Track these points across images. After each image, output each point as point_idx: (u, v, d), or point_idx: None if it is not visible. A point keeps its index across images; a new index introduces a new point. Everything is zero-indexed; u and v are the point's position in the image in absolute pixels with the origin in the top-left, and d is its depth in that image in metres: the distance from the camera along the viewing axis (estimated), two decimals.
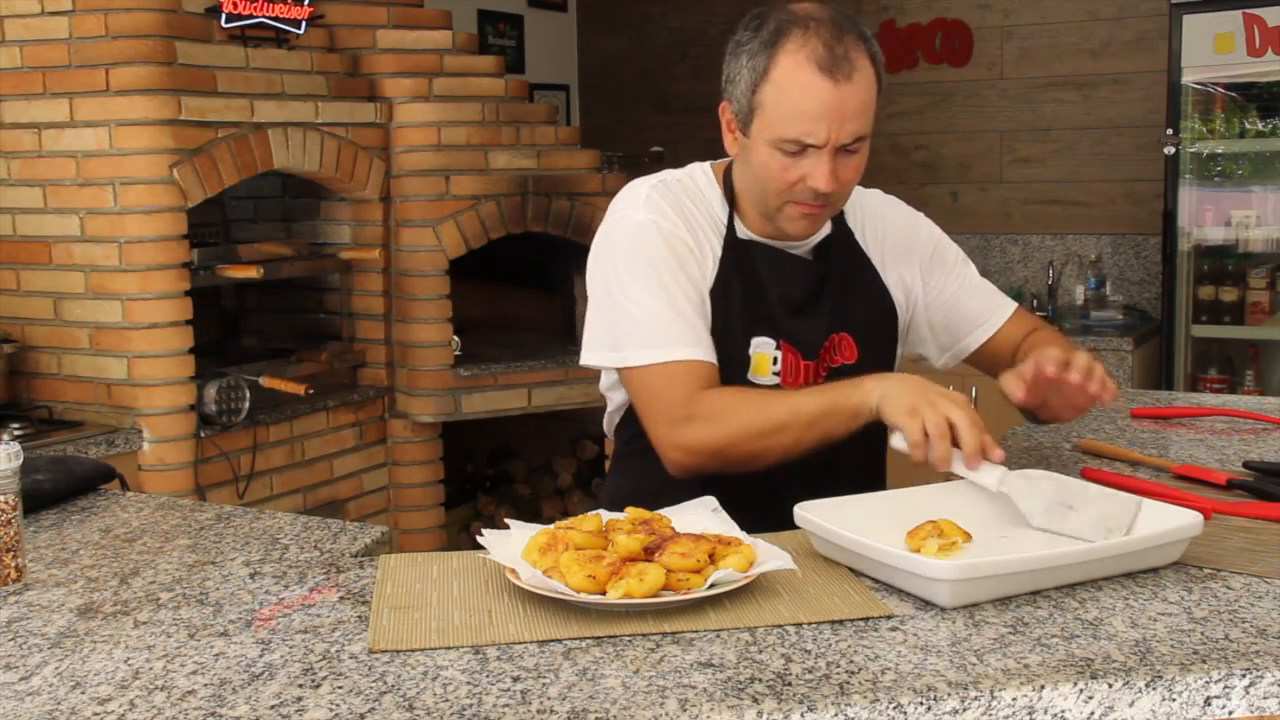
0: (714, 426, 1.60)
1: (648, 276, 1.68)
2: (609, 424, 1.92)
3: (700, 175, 1.81)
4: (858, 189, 1.86)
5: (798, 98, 1.59)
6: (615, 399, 1.86)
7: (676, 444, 1.63)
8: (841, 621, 1.24)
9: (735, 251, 1.75)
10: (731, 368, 1.72)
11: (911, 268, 1.86)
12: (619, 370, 1.73)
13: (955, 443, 1.47)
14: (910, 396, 1.49)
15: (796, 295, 1.76)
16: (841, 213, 1.81)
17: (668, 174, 1.80)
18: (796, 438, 1.58)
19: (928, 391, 1.50)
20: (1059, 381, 1.59)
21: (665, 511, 1.45)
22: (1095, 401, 1.63)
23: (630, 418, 1.81)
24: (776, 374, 1.74)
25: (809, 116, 1.59)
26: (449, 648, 1.19)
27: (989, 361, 1.90)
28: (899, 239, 1.86)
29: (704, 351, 1.66)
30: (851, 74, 1.59)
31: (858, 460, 1.80)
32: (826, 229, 1.80)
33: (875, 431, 1.84)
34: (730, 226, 1.76)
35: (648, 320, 1.66)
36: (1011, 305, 1.92)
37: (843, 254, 1.81)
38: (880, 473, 1.88)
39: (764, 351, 1.74)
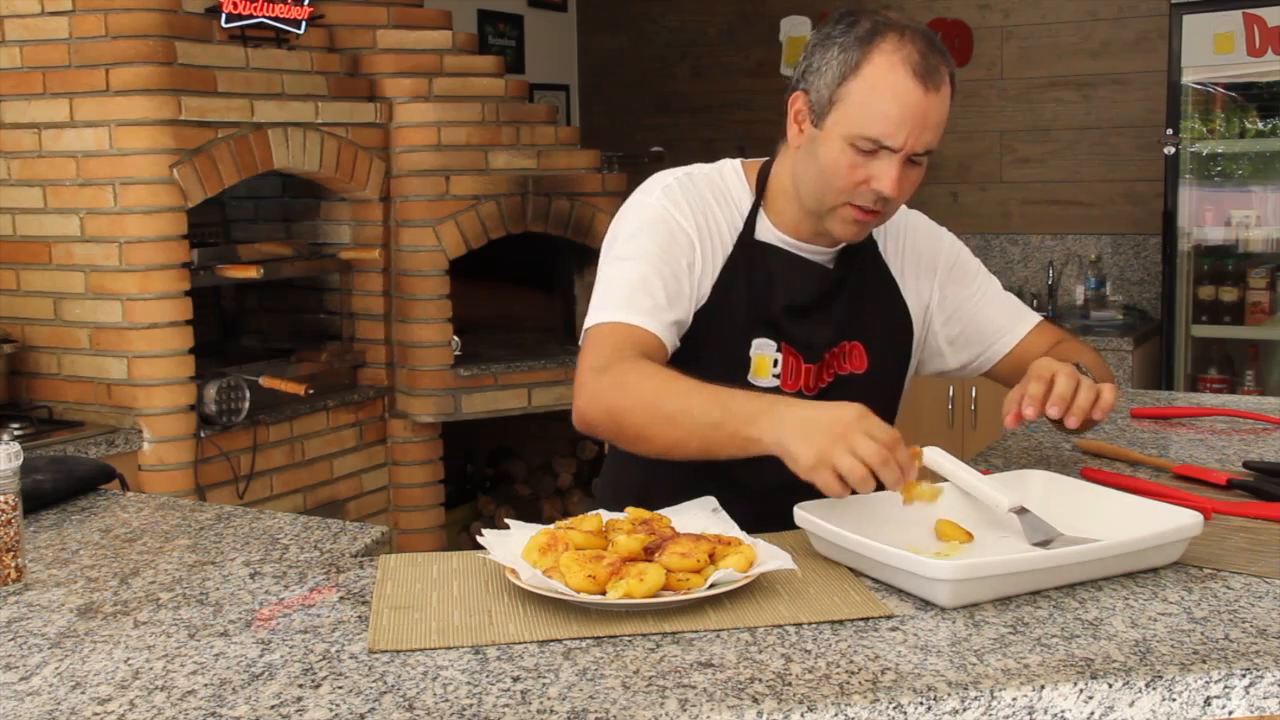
0: (618, 390, 1.56)
1: (633, 255, 1.68)
2: None
3: (730, 171, 1.79)
4: None
5: (888, 97, 1.58)
6: None
7: (583, 387, 1.59)
8: (841, 621, 1.24)
9: (747, 252, 1.74)
10: (732, 368, 1.72)
11: (930, 282, 1.85)
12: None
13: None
14: (813, 445, 1.37)
15: (805, 299, 1.75)
16: None
17: (696, 168, 1.79)
18: (678, 438, 1.51)
19: (830, 429, 1.37)
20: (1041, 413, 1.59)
21: (665, 511, 1.45)
22: (1087, 416, 1.59)
23: None
24: (776, 376, 1.74)
25: (894, 119, 1.58)
26: (449, 648, 1.19)
27: (1012, 375, 1.84)
28: (920, 253, 1.85)
29: (654, 324, 1.64)
30: (940, 86, 1.60)
31: None
32: None
33: None
34: (750, 227, 1.75)
35: (613, 289, 1.66)
36: (1035, 318, 1.90)
37: (864, 263, 1.80)
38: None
39: (764, 354, 1.74)
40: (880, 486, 1.40)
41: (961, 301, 1.87)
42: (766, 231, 1.76)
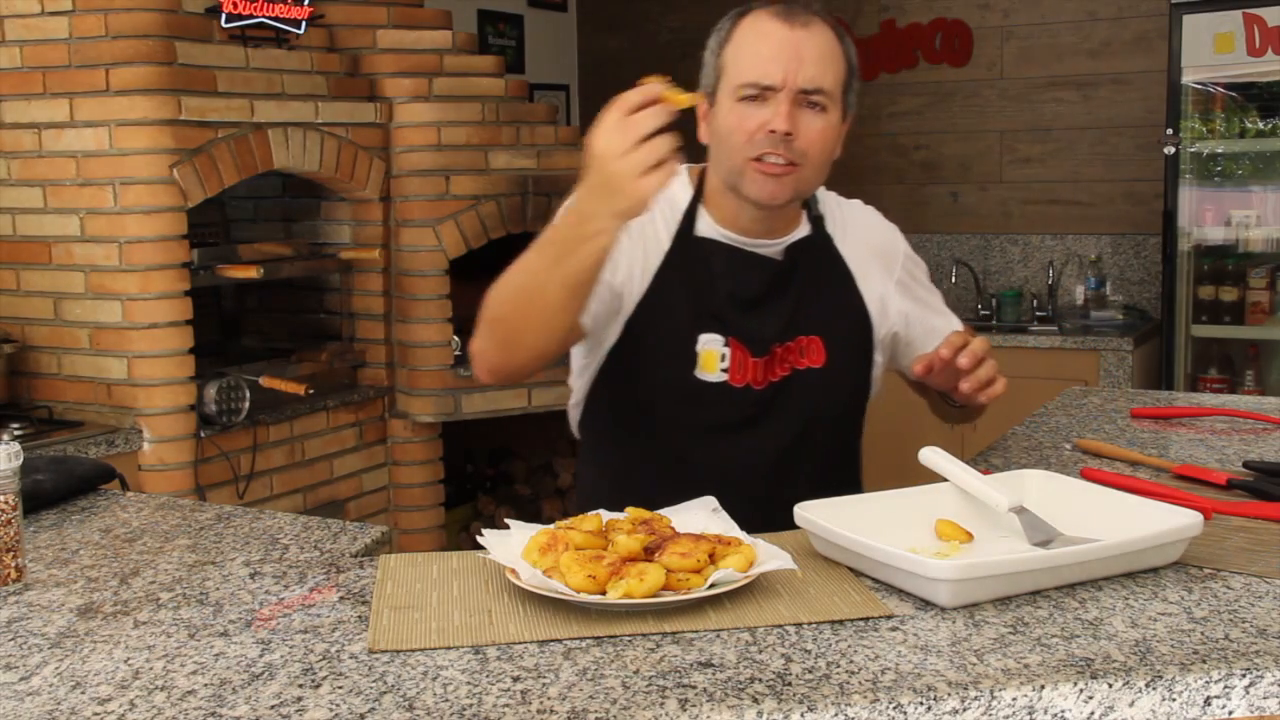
0: (482, 321, 1.64)
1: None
2: (572, 417, 1.89)
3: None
4: (838, 198, 1.87)
5: (755, 42, 1.66)
6: (577, 389, 1.85)
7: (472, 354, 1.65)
8: (841, 621, 1.24)
9: (685, 248, 1.74)
10: (678, 364, 1.72)
11: (888, 282, 1.85)
12: None
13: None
14: (615, 196, 1.41)
15: (751, 292, 1.75)
16: (821, 219, 1.81)
17: None
18: (547, 299, 1.56)
19: (608, 173, 1.41)
20: (952, 363, 1.59)
21: (665, 511, 1.45)
22: (978, 392, 1.61)
23: (589, 408, 1.82)
24: (724, 370, 1.73)
25: (765, 59, 1.64)
26: (449, 648, 1.19)
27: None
28: (877, 251, 1.86)
29: None
30: (809, 23, 1.66)
31: (831, 463, 1.81)
32: (804, 229, 1.79)
33: (845, 433, 1.85)
34: (689, 225, 1.75)
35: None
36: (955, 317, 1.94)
37: (818, 258, 1.80)
38: (855, 478, 1.89)
39: (712, 349, 1.72)
40: None
41: (914, 304, 1.87)
42: (708, 228, 1.76)
